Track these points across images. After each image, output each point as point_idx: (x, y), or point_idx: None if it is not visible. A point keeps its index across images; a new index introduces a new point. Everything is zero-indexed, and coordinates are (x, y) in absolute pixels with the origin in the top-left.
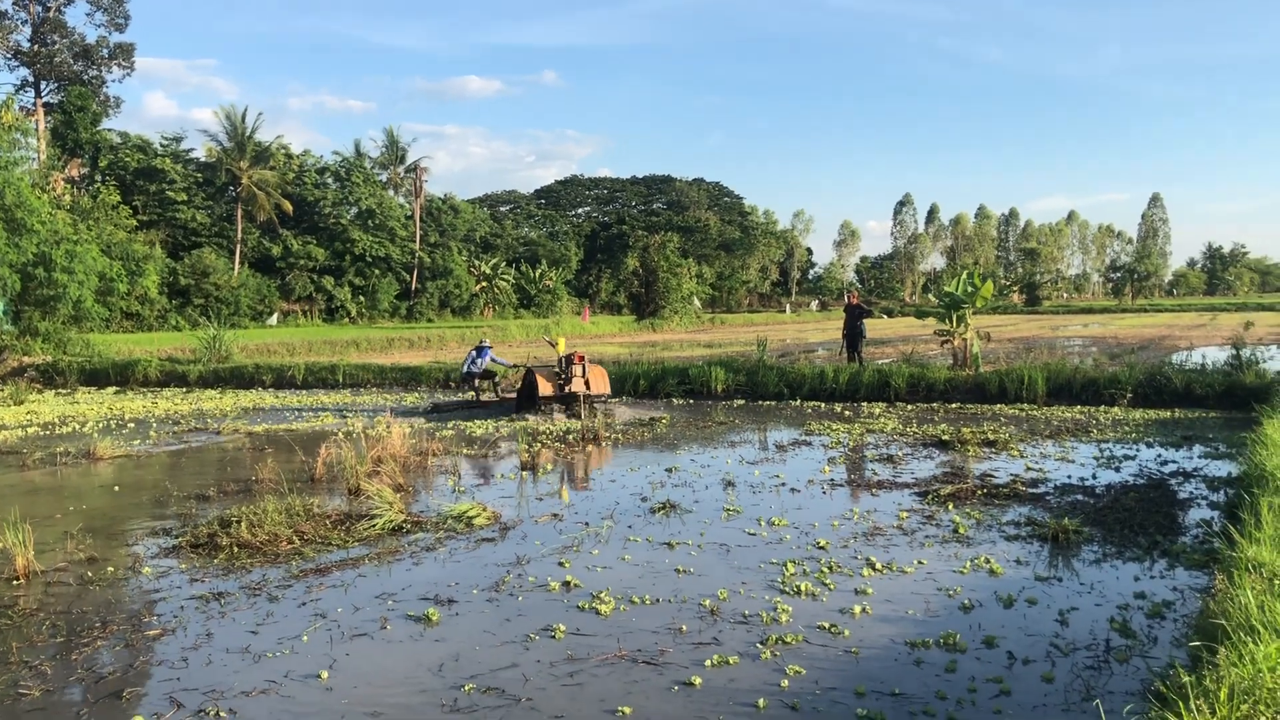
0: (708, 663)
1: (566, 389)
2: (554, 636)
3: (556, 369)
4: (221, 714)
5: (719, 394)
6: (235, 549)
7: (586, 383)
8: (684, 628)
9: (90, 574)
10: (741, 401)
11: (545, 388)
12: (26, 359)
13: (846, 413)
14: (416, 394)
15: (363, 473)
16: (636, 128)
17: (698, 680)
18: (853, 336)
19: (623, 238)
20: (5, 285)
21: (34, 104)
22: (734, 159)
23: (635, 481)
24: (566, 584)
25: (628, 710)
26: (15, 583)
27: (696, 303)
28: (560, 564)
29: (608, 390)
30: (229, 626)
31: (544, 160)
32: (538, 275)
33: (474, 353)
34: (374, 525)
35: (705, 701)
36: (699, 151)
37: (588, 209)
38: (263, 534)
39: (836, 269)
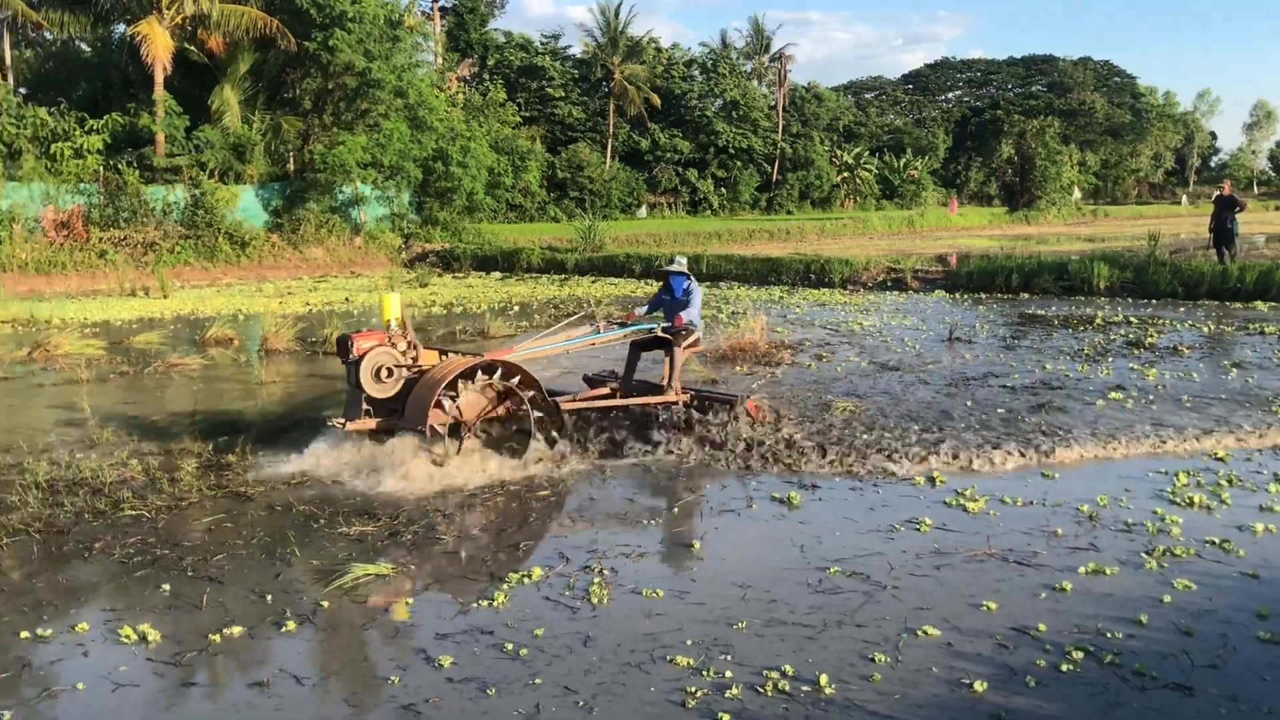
0: (1082, 569)
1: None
2: (919, 529)
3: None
4: (604, 571)
5: (1100, 291)
6: None
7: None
8: (1058, 531)
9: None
10: (1127, 300)
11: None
12: (428, 246)
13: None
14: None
15: (714, 358)
16: (1013, 3)
17: (1068, 585)
18: (1221, 233)
19: (996, 124)
20: (410, 178)
21: (431, 8)
22: (1127, 34)
23: (1008, 379)
24: (931, 479)
25: (993, 606)
26: None
27: (1076, 193)
28: (924, 459)
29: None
30: (610, 492)
31: (911, 43)
32: (902, 165)
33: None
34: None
35: (1077, 608)
36: (1085, 27)
37: (958, 93)
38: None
39: (1245, 155)
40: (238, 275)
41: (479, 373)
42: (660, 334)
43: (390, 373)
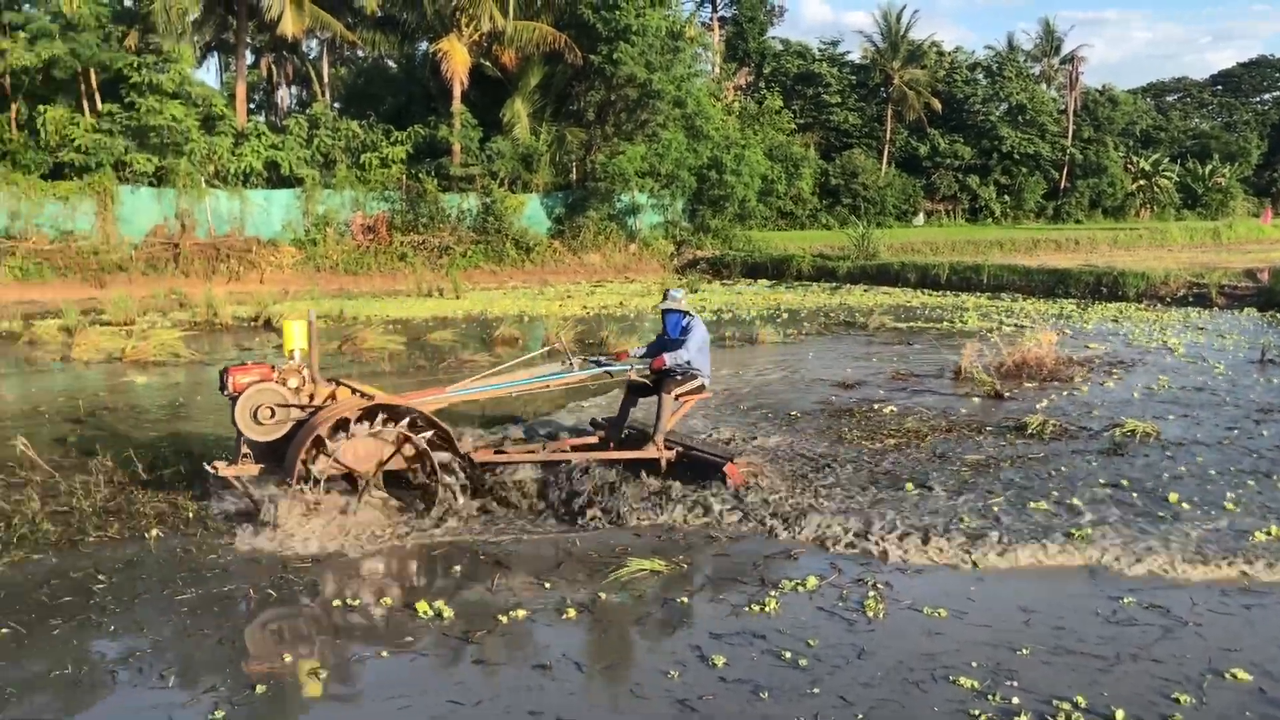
0: None
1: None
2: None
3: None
4: (878, 585)
5: None
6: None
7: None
8: None
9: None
10: None
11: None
12: (699, 252)
13: None
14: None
15: (1000, 373)
16: None
17: None
18: None
19: None
20: (684, 186)
21: (710, 19)
22: None
23: None
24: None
25: None
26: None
27: None
28: (1235, 489)
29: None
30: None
31: (1221, 40)
32: (1207, 172)
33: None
34: (1028, 429)
35: None
36: None
37: (1277, 94)
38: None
39: None
40: (522, 279)
41: (369, 417)
42: (636, 377)
43: (272, 413)
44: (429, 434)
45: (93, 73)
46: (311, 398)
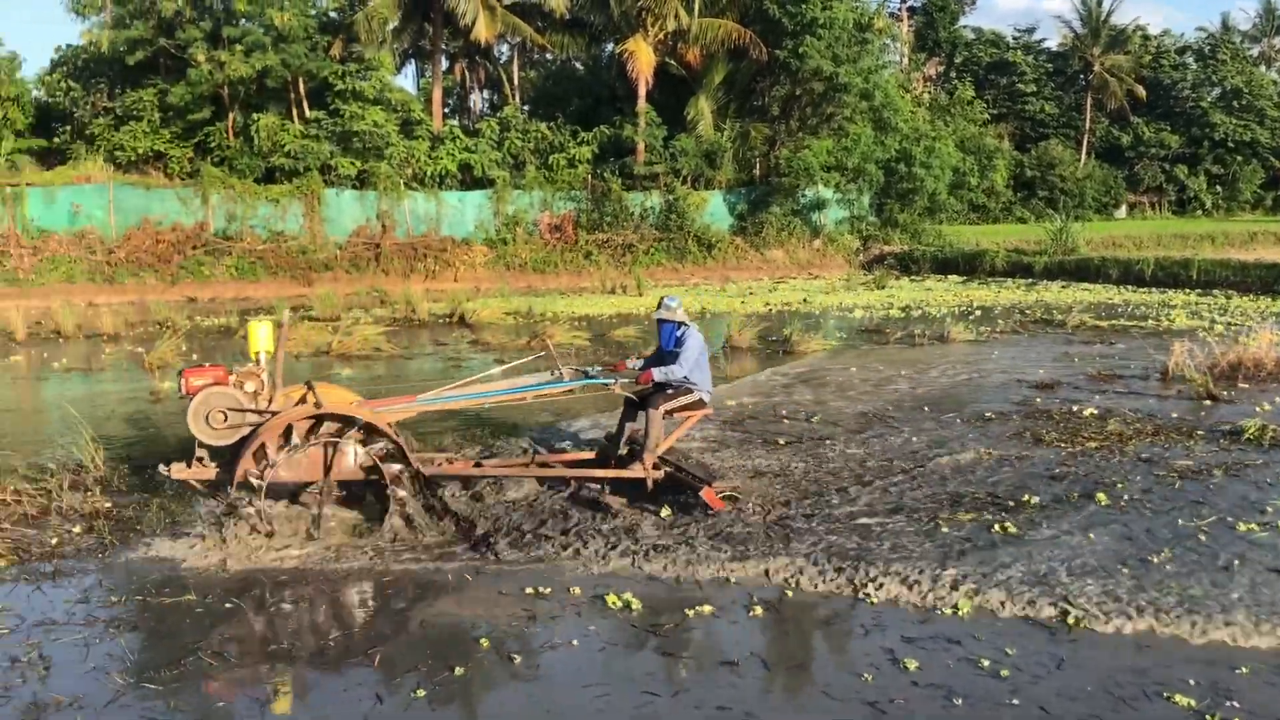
0: None
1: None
2: None
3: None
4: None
5: None
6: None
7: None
8: None
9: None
10: None
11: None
12: (886, 248)
13: None
14: None
15: (1213, 374)
16: None
17: None
18: None
19: None
20: (871, 180)
21: (899, 9)
22: None
23: None
24: None
25: None
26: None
27: None
28: None
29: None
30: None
31: None
32: None
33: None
34: (1244, 435)
35: None
36: None
37: None
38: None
39: None
40: (703, 275)
41: (321, 424)
42: (620, 390)
43: (225, 417)
44: (396, 464)
45: (301, 81)
46: (270, 402)
